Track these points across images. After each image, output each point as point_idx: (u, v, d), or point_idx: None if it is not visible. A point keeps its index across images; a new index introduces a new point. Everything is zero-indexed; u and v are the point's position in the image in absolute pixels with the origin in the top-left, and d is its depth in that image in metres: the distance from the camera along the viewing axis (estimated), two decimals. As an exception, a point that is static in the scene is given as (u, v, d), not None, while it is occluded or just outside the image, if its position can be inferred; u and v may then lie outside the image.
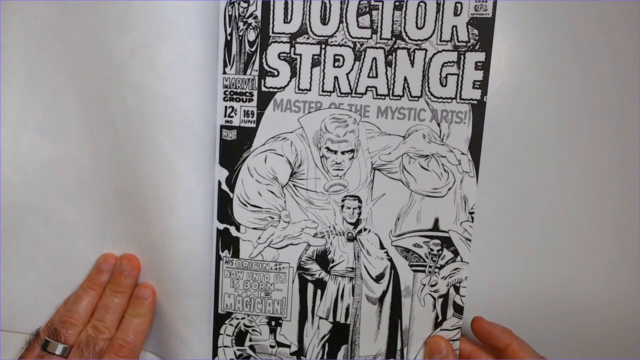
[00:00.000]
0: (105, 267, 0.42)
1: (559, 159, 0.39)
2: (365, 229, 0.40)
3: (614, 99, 0.38)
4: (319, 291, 0.42)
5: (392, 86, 0.38)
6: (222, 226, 0.41)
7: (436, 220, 0.40)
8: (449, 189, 0.39)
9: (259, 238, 0.41)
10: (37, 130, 0.40)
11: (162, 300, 0.42)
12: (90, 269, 0.43)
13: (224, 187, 0.40)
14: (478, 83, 0.37)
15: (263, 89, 0.39)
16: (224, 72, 0.39)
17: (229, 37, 0.38)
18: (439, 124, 0.38)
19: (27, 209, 0.42)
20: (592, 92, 0.38)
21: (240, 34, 0.38)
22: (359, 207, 0.40)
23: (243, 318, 0.42)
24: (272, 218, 0.41)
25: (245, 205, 0.41)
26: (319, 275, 0.41)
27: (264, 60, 0.38)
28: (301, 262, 0.41)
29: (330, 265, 0.41)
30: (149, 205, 0.40)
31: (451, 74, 0.38)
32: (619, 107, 0.38)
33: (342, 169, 0.40)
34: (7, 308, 0.43)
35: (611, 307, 0.40)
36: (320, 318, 0.42)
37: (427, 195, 0.39)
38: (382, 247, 0.41)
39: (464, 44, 0.37)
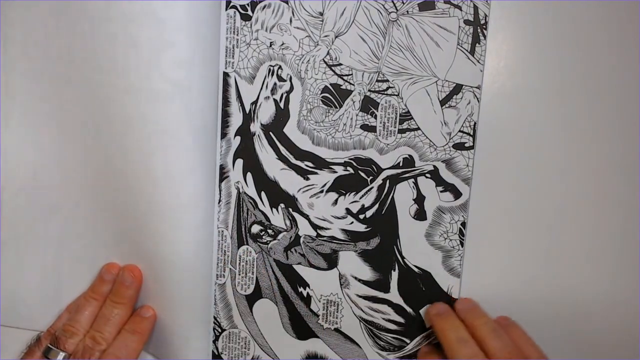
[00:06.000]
0: (107, 277, 0.42)
1: (559, 159, 0.38)
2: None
3: (615, 99, 0.37)
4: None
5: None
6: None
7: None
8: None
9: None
10: (37, 130, 0.40)
11: (163, 304, 0.42)
12: (92, 268, 0.43)
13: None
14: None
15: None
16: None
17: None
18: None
19: (27, 209, 0.42)
20: (593, 92, 0.38)
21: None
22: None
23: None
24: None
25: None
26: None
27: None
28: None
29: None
30: (149, 208, 0.40)
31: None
32: (620, 108, 0.38)
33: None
34: (8, 303, 0.43)
35: (611, 307, 0.39)
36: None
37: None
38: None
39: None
